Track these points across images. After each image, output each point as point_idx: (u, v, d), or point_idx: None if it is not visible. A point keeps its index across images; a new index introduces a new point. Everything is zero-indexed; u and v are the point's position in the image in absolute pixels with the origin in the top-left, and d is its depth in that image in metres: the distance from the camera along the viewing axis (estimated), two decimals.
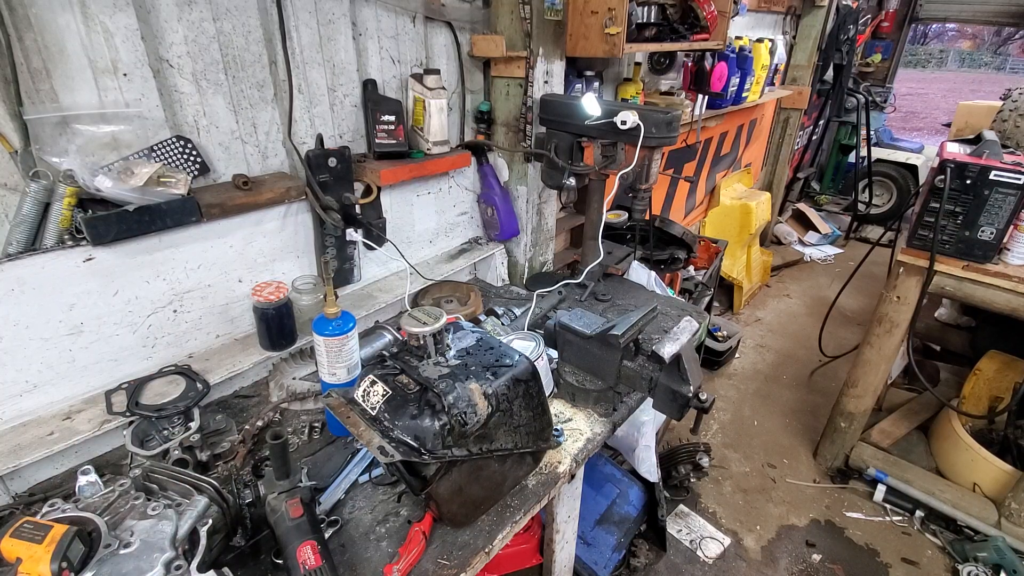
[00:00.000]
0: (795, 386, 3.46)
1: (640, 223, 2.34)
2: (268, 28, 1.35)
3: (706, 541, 2.40)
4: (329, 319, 1.26)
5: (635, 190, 1.74)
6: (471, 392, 0.97)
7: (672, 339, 1.23)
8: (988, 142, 2.04)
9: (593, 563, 2.05)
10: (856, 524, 2.51)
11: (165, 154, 1.25)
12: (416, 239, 1.95)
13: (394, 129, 1.60)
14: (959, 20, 5.89)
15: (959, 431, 2.49)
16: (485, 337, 1.14)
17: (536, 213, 2.09)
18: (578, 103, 1.65)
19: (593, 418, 1.42)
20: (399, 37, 1.64)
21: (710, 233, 4.04)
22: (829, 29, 4.44)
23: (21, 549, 0.76)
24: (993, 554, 2.19)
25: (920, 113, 14.86)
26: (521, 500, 1.18)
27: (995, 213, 1.93)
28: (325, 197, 1.49)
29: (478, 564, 1.08)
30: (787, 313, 4.32)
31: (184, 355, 1.43)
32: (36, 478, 1.19)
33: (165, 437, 1.19)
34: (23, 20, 1.02)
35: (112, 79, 1.14)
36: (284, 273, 1.59)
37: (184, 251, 1.35)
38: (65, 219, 1.14)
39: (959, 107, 3.17)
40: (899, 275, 2.22)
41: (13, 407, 1.19)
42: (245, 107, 1.38)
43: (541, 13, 1.70)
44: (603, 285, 2.02)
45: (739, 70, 3.07)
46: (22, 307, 1.13)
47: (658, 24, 2.26)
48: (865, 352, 2.43)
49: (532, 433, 1.12)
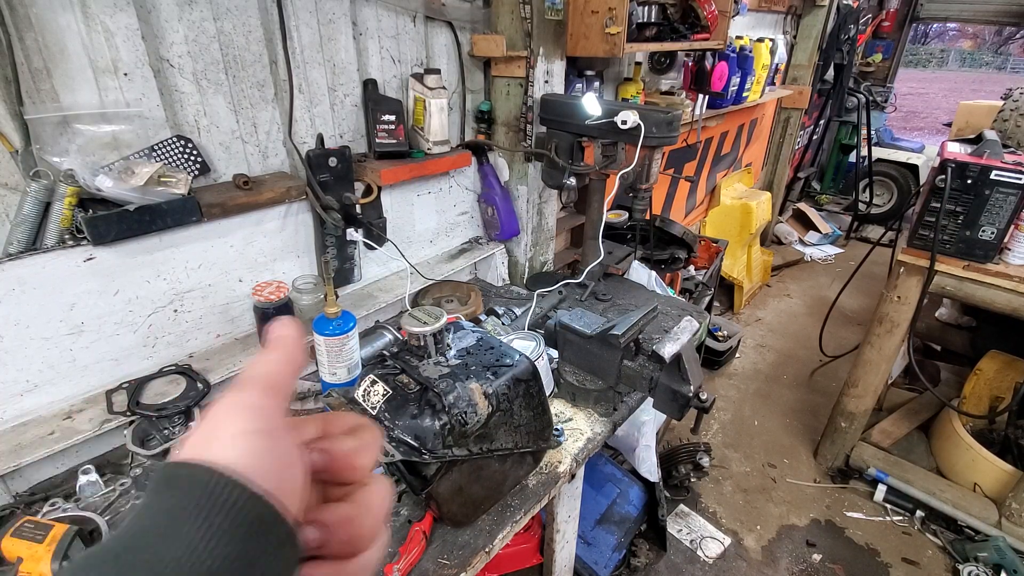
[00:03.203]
0: (795, 386, 3.46)
1: (640, 223, 2.34)
2: (268, 28, 1.35)
3: (706, 541, 2.40)
4: (329, 319, 1.26)
5: (635, 190, 1.74)
6: (471, 392, 0.97)
7: (672, 339, 1.23)
8: (989, 142, 2.04)
9: (593, 563, 2.05)
10: (856, 524, 2.51)
11: (166, 154, 1.25)
12: (416, 239, 1.95)
13: (394, 129, 1.60)
14: (960, 20, 5.89)
15: (960, 431, 2.49)
16: (485, 337, 1.14)
17: (536, 213, 2.09)
18: (578, 103, 1.65)
19: (593, 418, 1.42)
20: (399, 37, 1.64)
21: (710, 233, 4.03)
22: (830, 29, 4.43)
23: (22, 548, 0.76)
24: (994, 554, 2.19)
25: (921, 113, 14.85)
26: (521, 500, 1.18)
27: (996, 213, 1.93)
28: (325, 197, 1.49)
29: (478, 564, 1.08)
30: (787, 313, 4.32)
31: (185, 355, 1.43)
32: (37, 477, 1.19)
33: (166, 437, 1.19)
34: (24, 20, 1.02)
35: (113, 79, 1.14)
36: (284, 273, 1.59)
37: (185, 251, 1.35)
38: (66, 219, 1.14)
39: (960, 107, 3.16)
40: (900, 275, 2.22)
41: (14, 406, 1.19)
42: (246, 107, 1.38)
43: (541, 13, 1.70)
44: (603, 285, 2.02)
45: (740, 70, 3.07)
46: (23, 307, 1.13)
47: (658, 24, 2.26)
48: (866, 352, 2.43)
49: (532, 433, 1.12)
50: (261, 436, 0.28)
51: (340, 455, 0.34)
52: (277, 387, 0.32)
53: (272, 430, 0.29)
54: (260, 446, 0.28)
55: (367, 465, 0.35)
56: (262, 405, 0.30)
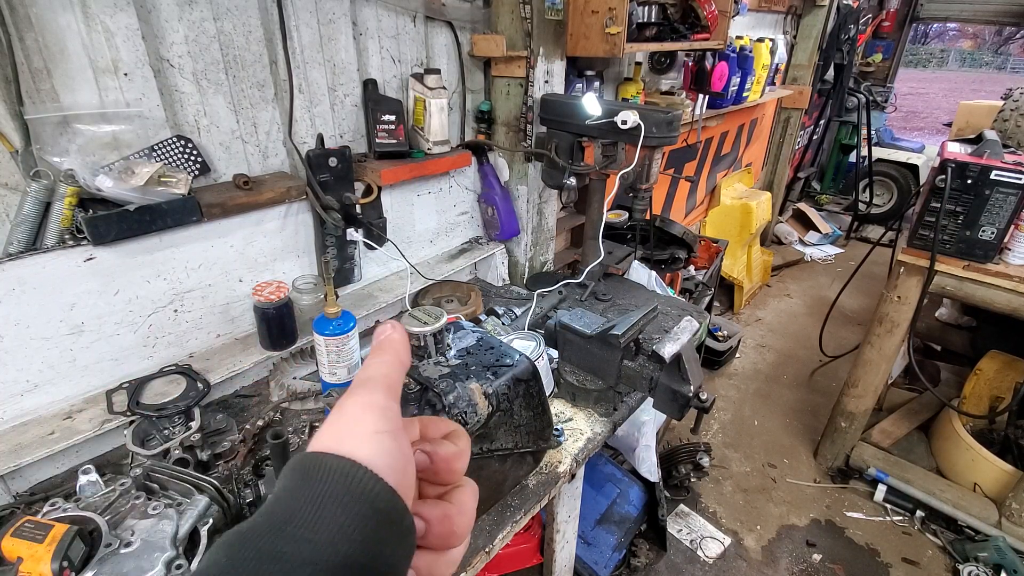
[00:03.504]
0: (796, 386, 3.46)
1: (640, 223, 2.34)
2: (269, 28, 1.35)
3: (706, 541, 2.40)
4: (330, 319, 1.26)
5: (635, 190, 1.74)
6: (471, 392, 0.97)
7: (672, 339, 1.23)
8: (989, 142, 2.04)
9: (593, 563, 2.05)
10: (856, 524, 2.51)
11: (166, 154, 1.25)
12: (416, 239, 1.95)
13: (395, 129, 1.60)
14: (960, 20, 5.89)
15: (960, 431, 2.49)
16: (485, 337, 1.14)
17: (536, 213, 2.09)
18: (579, 103, 1.65)
19: (593, 418, 1.42)
20: (400, 37, 1.64)
21: (710, 233, 4.03)
22: (830, 29, 4.43)
23: (22, 548, 0.76)
24: (994, 554, 2.19)
25: (921, 113, 14.85)
26: (521, 500, 1.18)
27: (996, 213, 1.93)
28: (326, 197, 1.49)
29: (478, 564, 1.08)
30: (788, 313, 4.32)
31: (185, 355, 1.43)
32: (37, 477, 1.19)
33: (166, 436, 1.19)
34: (24, 20, 1.02)
35: (113, 79, 1.15)
36: (285, 273, 1.59)
37: (185, 251, 1.35)
38: (66, 219, 1.14)
39: (960, 107, 3.16)
40: (900, 275, 2.22)
41: (14, 406, 1.19)
42: (246, 107, 1.38)
43: (541, 13, 1.70)
44: (603, 285, 2.02)
45: (740, 70, 3.07)
46: (23, 307, 1.13)
47: (659, 24, 2.26)
48: (866, 352, 2.43)
49: (532, 433, 1.12)
50: (390, 436, 0.31)
51: (441, 458, 0.37)
52: (394, 388, 0.35)
53: (396, 430, 0.32)
54: (390, 445, 0.30)
55: (462, 469, 0.38)
56: (387, 406, 0.33)
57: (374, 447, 0.29)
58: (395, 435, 0.31)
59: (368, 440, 0.30)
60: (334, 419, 0.31)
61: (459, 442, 0.39)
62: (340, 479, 0.27)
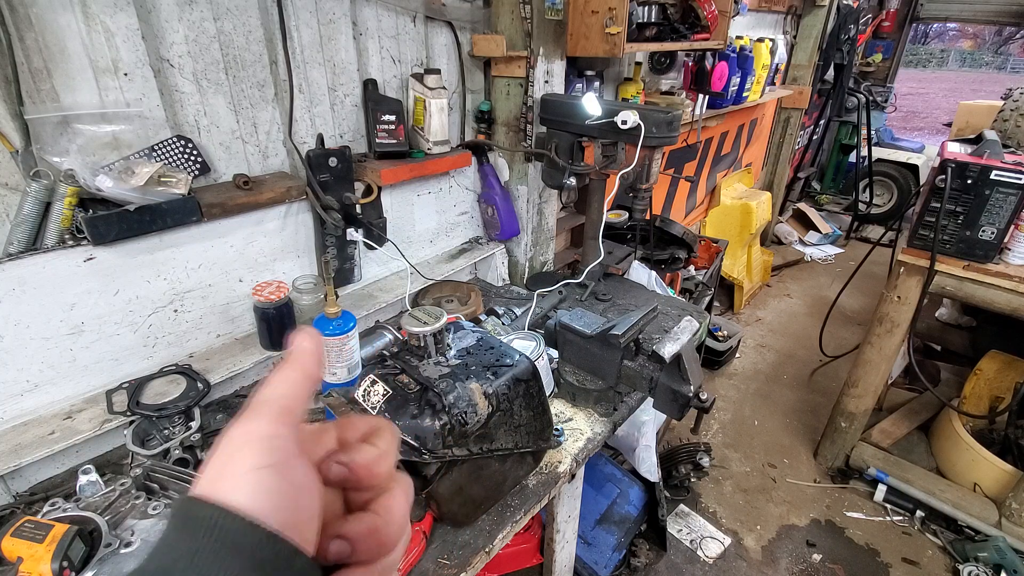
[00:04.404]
0: (796, 386, 3.46)
1: (641, 223, 2.34)
2: (269, 28, 1.35)
3: (706, 541, 2.40)
4: (329, 319, 1.26)
5: (635, 190, 1.74)
6: (471, 392, 0.97)
7: (672, 339, 1.23)
8: (989, 142, 2.04)
9: (593, 563, 2.05)
10: (856, 524, 2.51)
11: (166, 154, 1.25)
12: (416, 239, 1.95)
13: (395, 129, 1.60)
14: (960, 20, 5.89)
15: (960, 431, 2.49)
16: (485, 337, 1.14)
17: (537, 213, 2.09)
18: (579, 103, 1.65)
19: (593, 418, 1.42)
20: (400, 37, 1.64)
21: (710, 233, 4.03)
22: (830, 29, 4.43)
23: (22, 548, 0.76)
24: (994, 554, 2.19)
25: (921, 113, 14.85)
26: (521, 500, 1.18)
27: (996, 213, 1.93)
28: (326, 197, 1.49)
29: (478, 564, 1.08)
30: (788, 313, 4.32)
31: (185, 355, 1.43)
32: (37, 477, 1.19)
33: (166, 436, 1.19)
34: (24, 20, 1.02)
35: (113, 79, 1.15)
36: (285, 273, 1.59)
37: (185, 251, 1.35)
38: (66, 219, 1.14)
39: (960, 107, 3.17)
40: (900, 275, 2.22)
41: (14, 406, 1.19)
42: (246, 107, 1.38)
43: (542, 13, 1.70)
44: (603, 285, 2.02)
45: (740, 70, 3.07)
46: (23, 307, 1.13)
47: (659, 24, 2.25)
48: (866, 352, 2.43)
49: (532, 433, 1.12)
50: (271, 472, 0.28)
51: (359, 466, 0.34)
52: (290, 410, 0.32)
53: (283, 462, 0.29)
54: (271, 482, 0.28)
55: (387, 472, 0.35)
56: (273, 435, 0.30)
57: (251, 487, 0.27)
58: (282, 467, 0.28)
59: (244, 480, 0.27)
60: (217, 453, 0.29)
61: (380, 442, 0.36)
62: (214, 531, 0.25)
